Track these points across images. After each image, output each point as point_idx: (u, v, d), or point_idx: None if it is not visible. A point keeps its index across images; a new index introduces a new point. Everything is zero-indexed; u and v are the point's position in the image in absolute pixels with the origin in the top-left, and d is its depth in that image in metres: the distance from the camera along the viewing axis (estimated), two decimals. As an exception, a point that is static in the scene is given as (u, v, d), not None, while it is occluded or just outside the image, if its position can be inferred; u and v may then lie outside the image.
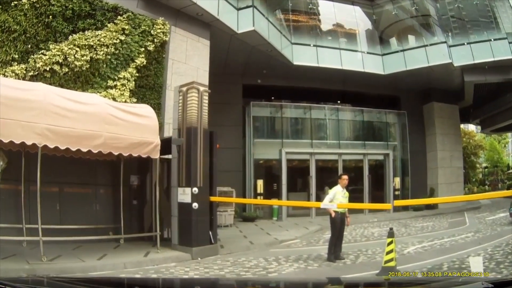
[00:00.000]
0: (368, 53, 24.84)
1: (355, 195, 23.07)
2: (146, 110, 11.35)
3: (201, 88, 11.76)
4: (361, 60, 24.33)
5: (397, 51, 24.85)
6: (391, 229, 9.32)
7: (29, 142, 8.74)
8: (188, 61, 15.42)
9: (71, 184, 11.96)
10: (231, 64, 21.60)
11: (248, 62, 21.71)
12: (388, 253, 8.75)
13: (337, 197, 10.83)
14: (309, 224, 18.97)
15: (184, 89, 11.73)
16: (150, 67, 13.80)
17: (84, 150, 9.60)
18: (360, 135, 26.61)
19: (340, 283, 4.38)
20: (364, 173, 24.18)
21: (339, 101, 26.65)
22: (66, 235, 10.67)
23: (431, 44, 24.04)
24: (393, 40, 26.14)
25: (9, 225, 10.16)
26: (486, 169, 57.17)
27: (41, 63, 11.51)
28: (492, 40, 23.29)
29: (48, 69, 11.61)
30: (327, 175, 23.48)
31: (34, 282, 3.06)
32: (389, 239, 8.82)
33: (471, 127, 50.74)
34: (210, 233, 11.65)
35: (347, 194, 11.12)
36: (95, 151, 9.81)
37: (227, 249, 12.31)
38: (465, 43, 23.67)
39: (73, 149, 9.39)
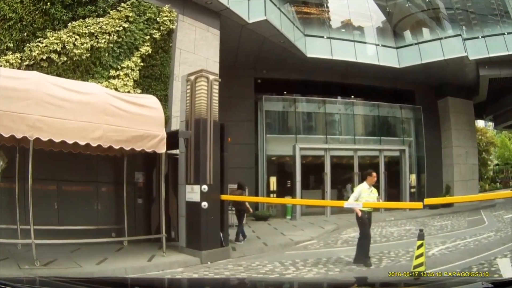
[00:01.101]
0: (382, 46, 23.82)
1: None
2: (151, 100, 10.19)
3: (211, 77, 10.56)
4: (376, 53, 23.37)
5: (411, 44, 23.88)
6: (421, 230, 8.36)
7: (19, 135, 7.75)
8: (197, 51, 14.28)
9: (70, 182, 10.84)
10: (242, 57, 20.55)
11: (259, 55, 20.68)
12: (418, 257, 7.89)
13: (362, 196, 9.75)
14: (325, 223, 17.95)
15: (192, 78, 10.55)
16: (156, 56, 12.69)
17: (81, 143, 8.51)
18: (375, 131, 25.45)
19: (340, 282, 4.35)
20: (380, 170, 22.93)
21: (352, 96, 25.54)
22: (64, 237, 9.58)
23: (446, 37, 23.23)
24: (407, 33, 25.02)
25: (2, 226, 9.18)
26: (497, 167, 55.63)
27: (37, 52, 10.62)
28: (506, 34, 22.39)
29: (45, 58, 10.74)
30: (342, 172, 22.70)
31: (34, 282, 2.91)
32: (419, 242, 7.96)
33: (480, 124, 49.25)
34: (221, 234, 10.48)
35: (375, 191, 10.04)
36: (93, 145, 8.69)
37: (239, 251, 11.16)
38: (479, 37, 22.85)
39: (69, 142, 8.33)
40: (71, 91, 8.66)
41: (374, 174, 10.09)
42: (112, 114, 8.92)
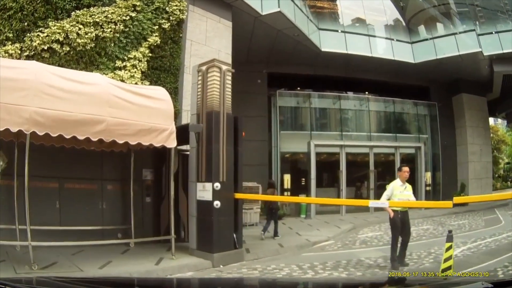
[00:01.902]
0: (397, 40, 22.99)
1: (384, 190, 21.33)
2: (159, 92, 9.28)
3: (224, 67, 9.64)
4: (391, 47, 22.49)
5: (426, 39, 23.08)
6: (450, 232, 7.75)
7: (14, 129, 6.94)
8: (209, 43, 13.42)
9: (73, 179, 9.97)
10: (255, 51, 19.69)
11: (273, 49, 19.76)
12: (446, 260, 7.36)
13: (395, 194, 8.88)
14: (340, 222, 17.06)
15: (204, 68, 9.65)
16: (165, 47, 11.76)
17: (81, 137, 7.68)
18: (390, 127, 24.51)
19: (341, 283, 4.22)
20: (396, 168, 21.85)
21: (366, 92, 24.67)
22: (66, 238, 8.73)
23: (460, 32, 22.48)
24: (421, 28, 24.16)
25: (1, 226, 8.43)
26: (507, 165, 54.37)
27: (38, 42, 9.81)
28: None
29: (46, 48, 9.91)
30: (357, 170, 21.87)
31: (34, 282, 2.74)
32: (448, 244, 7.40)
33: (491, 121, 48.19)
34: (235, 236, 9.56)
35: (409, 189, 9.09)
36: (94, 139, 7.84)
37: (253, 254, 10.21)
38: (493, 32, 22.01)
39: (67, 136, 7.49)
40: (73, 81, 7.83)
41: (406, 168, 9.15)
42: (117, 106, 8.05)
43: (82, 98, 7.67)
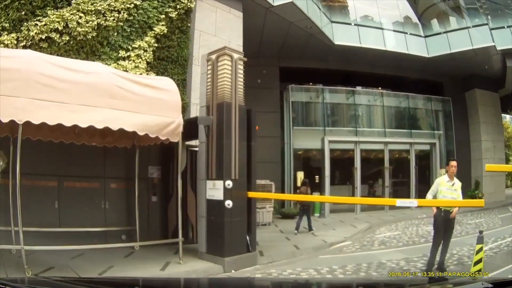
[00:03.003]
0: (410, 34, 22.11)
1: (399, 187, 21.45)
2: (165, 82, 8.35)
3: (235, 55, 8.70)
4: (404, 41, 21.58)
5: (439, 33, 22.32)
6: (481, 232, 7.08)
7: (5, 119, 6.14)
8: (219, 33, 12.52)
9: (73, 177, 9.11)
10: (266, 45, 18.83)
11: (285, 42, 18.89)
12: (476, 263, 6.75)
13: (440, 190, 7.91)
14: (356, 221, 16.16)
15: (214, 56, 8.72)
16: (173, 37, 10.92)
17: (84, 125, 6.76)
18: (405, 123, 23.57)
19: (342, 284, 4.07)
20: (411, 164, 21.26)
21: (379, 87, 23.76)
22: (66, 240, 7.96)
23: (473, 26, 21.60)
24: (434, 22, 23.41)
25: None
26: (518, 162, 53.37)
27: (36, 31, 9.13)
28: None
29: (44, 37, 9.21)
30: (371, 167, 20.97)
31: (34, 282, 2.73)
32: (479, 246, 6.79)
33: (501, 118, 47.38)
34: (248, 238, 8.61)
35: (459, 186, 7.96)
36: (99, 127, 6.92)
37: (267, 257, 9.26)
38: (505, 26, 21.25)
39: (68, 124, 6.63)
40: (70, 71, 6.97)
41: (454, 163, 8.08)
42: (118, 97, 7.16)
43: (81, 88, 6.83)
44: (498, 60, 21.77)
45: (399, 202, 7.50)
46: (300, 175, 19.09)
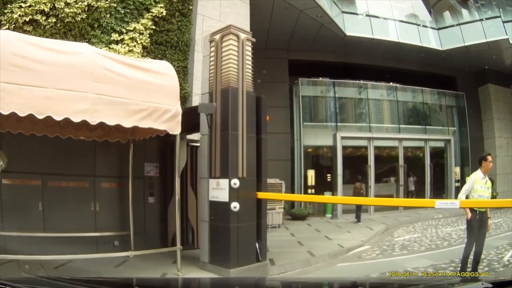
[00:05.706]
0: (423, 26, 21.02)
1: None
2: (161, 65, 7.02)
3: (242, 35, 7.43)
4: (418, 33, 20.42)
5: (452, 26, 21.28)
6: None
7: None
8: (223, 19, 11.19)
9: (59, 176, 7.88)
10: (275, 36, 17.56)
11: (294, 33, 17.66)
12: None
13: (475, 189, 6.95)
14: (371, 222, 15.01)
15: (217, 36, 7.44)
16: (172, 20, 9.64)
17: (58, 118, 5.49)
18: (419, 119, 22.40)
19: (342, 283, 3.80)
20: (426, 162, 20.19)
21: (391, 81, 22.42)
22: (51, 246, 6.89)
23: (486, 18, 20.57)
24: (447, 14, 22.30)
25: None
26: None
27: (19, 13, 7.98)
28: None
29: (28, 20, 8.06)
30: (384, 164, 19.89)
31: (34, 282, 2.62)
32: None
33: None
34: (257, 245, 7.29)
35: (489, 183, 7.14)
36: (76, 120, 5.60)
37: (279, 266, 7.95)
38: None
39: (40, 116, 5.35)
40: (49, 51, 5.71)
41: (489, 157, 7.10)
42: (105, 81, 5.88)
43: (61, 70, 5.60)
44: (510, 54, 20.58)
45: (438, 203, 6.18)
46: (311, 173, 17.87)
